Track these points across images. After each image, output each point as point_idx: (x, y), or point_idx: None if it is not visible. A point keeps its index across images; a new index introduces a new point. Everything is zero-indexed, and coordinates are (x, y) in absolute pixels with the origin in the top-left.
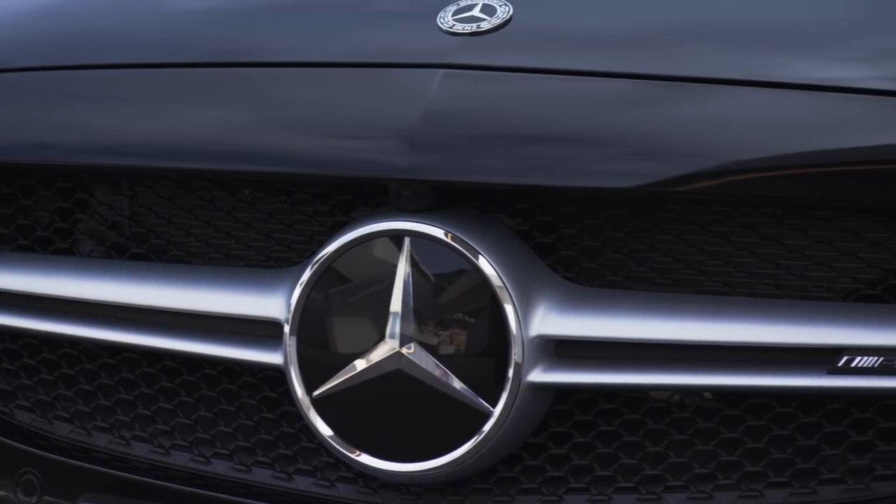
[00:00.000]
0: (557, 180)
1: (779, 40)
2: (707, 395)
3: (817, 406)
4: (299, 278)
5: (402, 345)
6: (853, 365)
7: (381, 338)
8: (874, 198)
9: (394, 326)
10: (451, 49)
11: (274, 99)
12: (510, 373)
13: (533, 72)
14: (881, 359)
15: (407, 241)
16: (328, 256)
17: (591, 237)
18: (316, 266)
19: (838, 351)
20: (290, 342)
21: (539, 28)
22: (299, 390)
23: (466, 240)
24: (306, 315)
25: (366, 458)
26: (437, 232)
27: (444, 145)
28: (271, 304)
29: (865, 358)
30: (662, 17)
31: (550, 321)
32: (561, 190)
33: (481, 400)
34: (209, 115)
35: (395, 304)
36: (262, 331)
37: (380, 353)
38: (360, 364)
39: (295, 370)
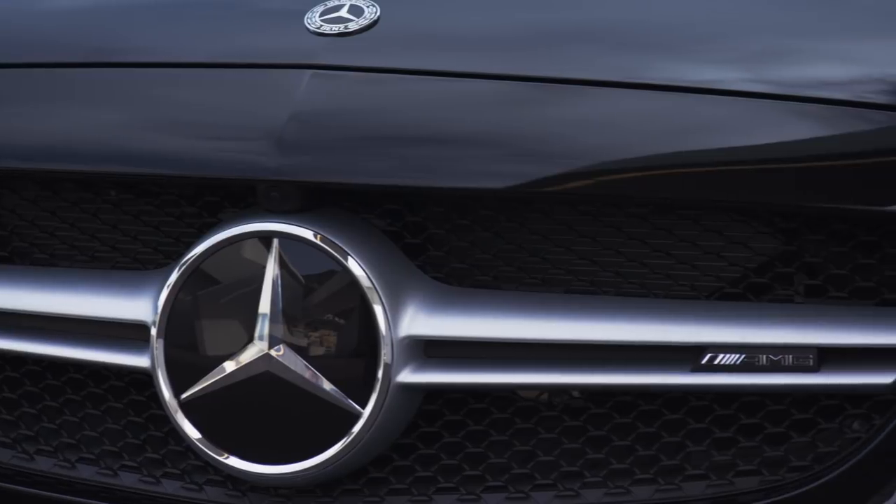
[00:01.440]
0: (426, 181)
1: (648, 42)
2: (575, 393)
3: (682, 403)
4: (166, 280)
5: (270, 346)
6: (716, 362)
7: (250, 340)
8: (736, 197)
9: (262, 328)
10: (319, 50)
11: (141, 100)
12: (380, 373)
13: (400, 72)
14: (743, 356)
15: (275, 242)
16: (196, 258)
17: (459, 237)
18: (183, 268)
19: (702, 349)
20: (157, 345)
21: (406, 29)
22: (167, 393)
23: (335, 241)
24: (174, 317)
25: (234, 461)
26: (306, 233)
27: (312, 146)
28: (138, 306)
29: (728, 355)
30: (530, 18)
31: (419, 321)
32: (429, 190)
33: (351, 401)
34: (74, 115)
35: (264, 305)
36: (128, 334)
37: (248, 354)
38: (228, 366)
39: (162, 373)
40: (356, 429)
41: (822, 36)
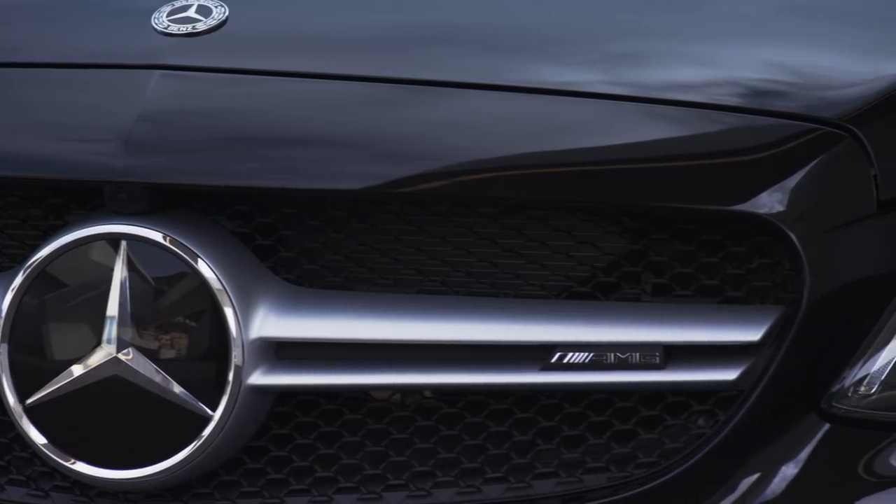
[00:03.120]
0: (276, 182)
1: (505, 44)
2: (427, 393)
3: (532, 402)
4: (11, 284)
5: (119, 350)
6: (565, 361)
7: (98, 343)
8: (584, 197)
9: (110, 331)
10: (167, 50)
11: None
12: (230, 376)
13: (248, 73)
14: (591, 354)
15: (123, 244)
16: (41, 261)
17: (311, 239)
18: (28, 271)
19: (551, 347)
20: (2, 349)
21: (255, 30)
22: (11, 398)
23: (185, 243)
24: (18, 321)
25: (81, 466)
26: (155, 235)
27: (160, 147)
28: None
29: (577, 354)
30: (384, 20)
31: (271, 323)
32: (280, 192)
33: (201, 404)
34: None
35: (112, 308)
36: None
37: (96, 358)
38: (76, 370)
39: (6, 378)
40: (206, 432)
41: (673, 39)
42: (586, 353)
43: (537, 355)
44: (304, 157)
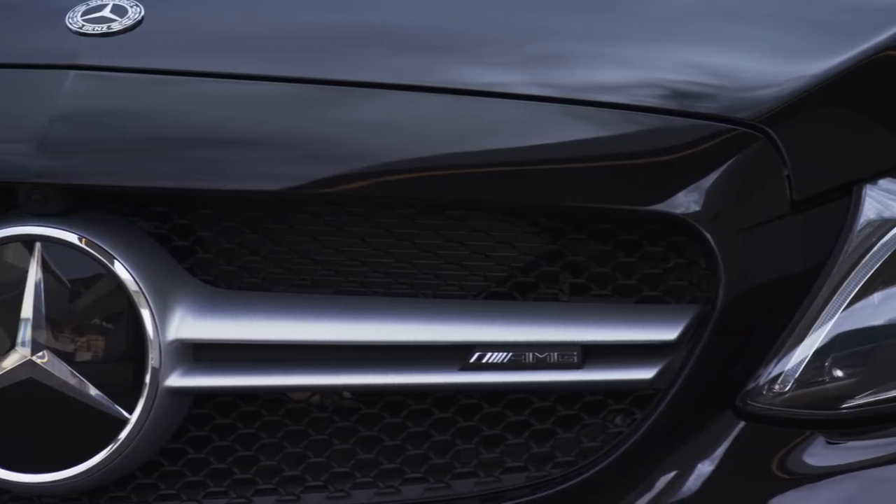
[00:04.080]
0: (192, 183)
1: (426, 45)
2: (346, 394)
3: (451, 402)
4: None
5: (34, 353)
6: (484, 361)
7: (12, 346)
8: (502, 198)
9: (25, 334)
10: (81, 50)
11: None
12: (147, 378)
13: (163, 73)
14: (510, 354)
15: (38, 246)
16: None
17: (228, 240)
18: None
19: (470, 347)
20: None
21: (170, 30)
22: None
23: (101, 244)
24: None
25: None
26: (70, 237)
27: (75, 148)
28: None
29: (495, 354)
30: (300, 20)
31: (188, 325)
32: (196, 193)
33: (118, 406)
34: None
35: (27, 310)
36: None
37: (10, 361)
38: None
39: None
40: (123, 434)
41: (593, 41)
42: (505, 353)
43: (456, 355)
44: (221, 158)
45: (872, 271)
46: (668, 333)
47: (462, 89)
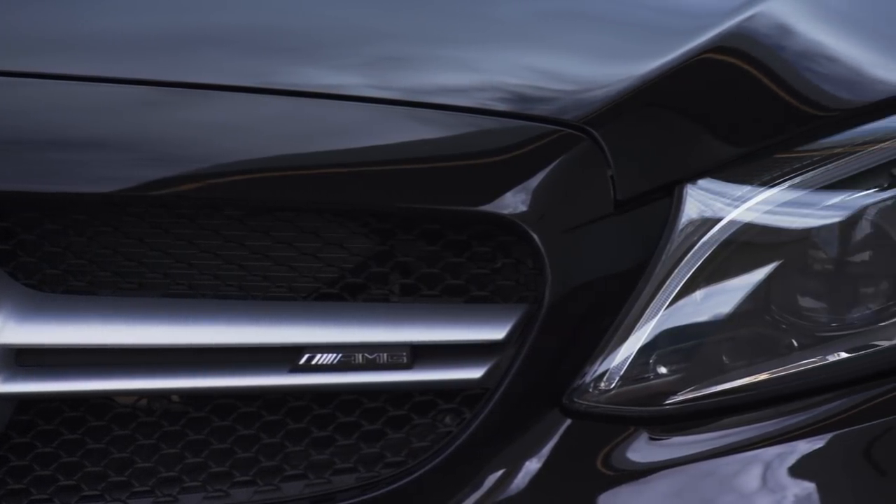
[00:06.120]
0: (13, 186)
1: (266, 47)
2: (174, 398)
3: (281, 404)
4: None
5: None
6: (314, 362)
7: None
8: (331, 199)
9: None
10: None
11: None
12: None
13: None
14: (340, 355)
15: None
16: None
17: (52, 243)
18: None
19: (300, 349)
20: None
21: (3, 31)
22: None
23: None
24: None
25: None
26: None
27: None
28: None
29: (325, 355)
30: (142, 21)
31: (10, 330)
32: (16, 196)
33: None
34: None
35: None
36: None
37: None
38: None
39: None
40: None
41: (428, 43)
42: (334, 354)
43: (285, 357)
44: (49, 161)
45: (694, 269)
46: (496, 333)
47: (299, 91)
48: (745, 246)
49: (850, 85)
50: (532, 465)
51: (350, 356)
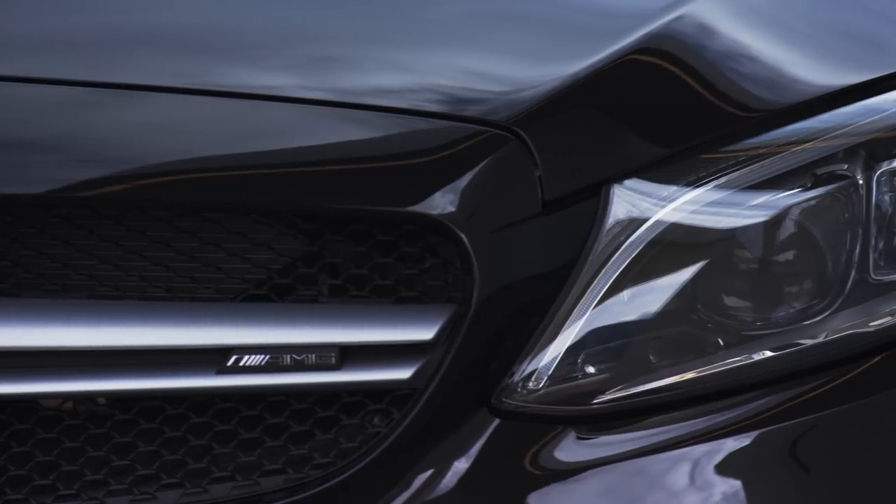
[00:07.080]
0: None
1: (201, 47)
2: (100, 400)
3: (209, 406)
4: None
5: None
6: (241, 364)
7: None
8: (259, 199)
9: None
10: None
11: None
12: None
13: None
14: (267, 356)
15: None
16: None
17: None
18: None
19: (227, 350)
20: None
21: None
22: None
23: None
24: None
25: None
26: None
27: None
28: None
29: (253, 356)
30: (75, 22)
31: None
32: None
33: None
34: None
35: None
36: None
37: None
38: None
39: None
40: None
41: (371, 45)
42: (262, 356)
43: (213, 358)
44: None
45: (621, 269)
46: (425, 333)
47: (229, 92)
48: (671, 246)
49: (775, 85)
50: (461, 465)
51: (278, 357)
